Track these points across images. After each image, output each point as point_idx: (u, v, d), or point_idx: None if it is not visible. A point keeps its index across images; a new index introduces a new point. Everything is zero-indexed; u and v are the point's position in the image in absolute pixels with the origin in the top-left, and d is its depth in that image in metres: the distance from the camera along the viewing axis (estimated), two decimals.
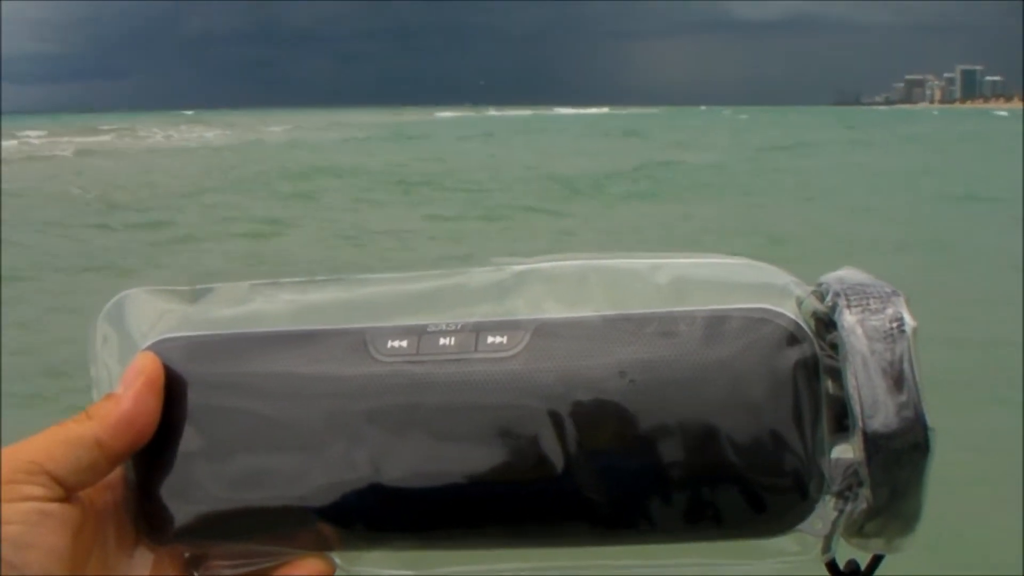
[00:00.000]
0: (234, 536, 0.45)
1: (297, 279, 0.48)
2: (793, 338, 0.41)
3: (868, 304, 0.40)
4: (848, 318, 0.40)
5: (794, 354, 0.41)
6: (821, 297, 0.42)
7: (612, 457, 0.41)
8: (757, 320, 0.41)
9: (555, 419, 0.41)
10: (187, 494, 0.44)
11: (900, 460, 0.39)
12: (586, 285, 0.45)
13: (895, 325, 0.40)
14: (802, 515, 0.41)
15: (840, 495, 0.41)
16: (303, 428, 0.44)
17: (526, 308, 0.45)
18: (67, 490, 0.42)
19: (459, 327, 0.44)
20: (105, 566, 0.45)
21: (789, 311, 0.42)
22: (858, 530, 0.41)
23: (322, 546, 0.44)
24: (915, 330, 0.40)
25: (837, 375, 0.40)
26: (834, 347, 0.41)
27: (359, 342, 0.45)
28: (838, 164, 18.65)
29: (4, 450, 0.42)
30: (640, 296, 0.44)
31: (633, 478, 0.41)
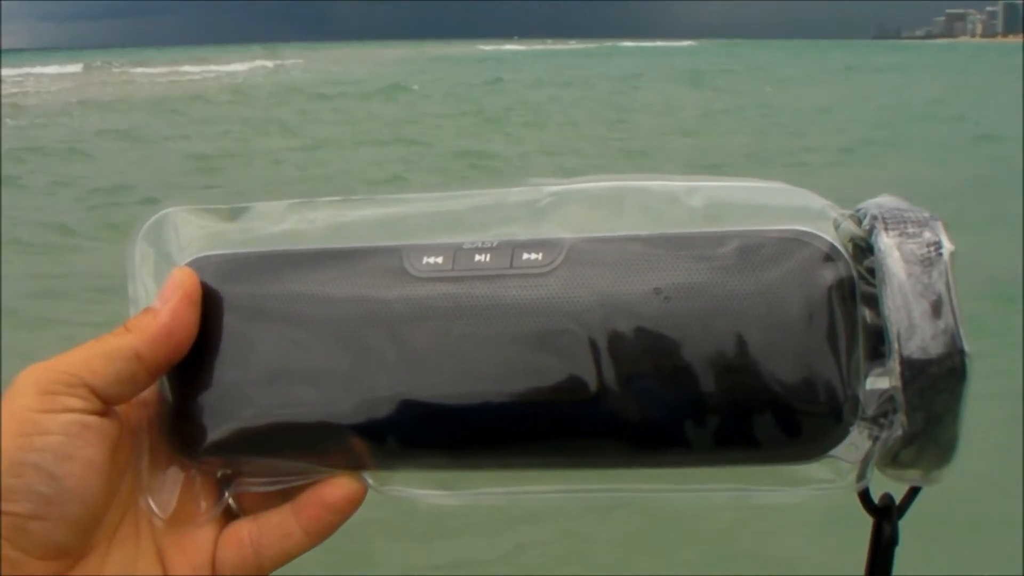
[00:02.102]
0: (268, 452, 0.45)
1: (333, 198, 0.48)
2: (829, 260, 0.41)
3: (906, 228, 0.40)
4: (885, 241, 0.40)
5: (830, 276, 0.40)
6: (858, 222, 0.41)
7: (646, 376, 0.41)
8: (793, 241, 0.41)
9: (590, 337, 0.41)
10: (221, 410, 0.45)
11: (936, 385, 0.39)
12: (621, 206, 0.44)
13: (932, 249, 0.39)
14: (836, 440, 0.41)
15: (875, 421, 0.40)
16: (338, 343, 0.44)
17: (561, 228, 0.45)
18: (106, 403, 0.43)
19: (495, 244, 0.44)
20: (139, 484, 0.45)
21: (826, 234, 0.41)
22: (893, 459, 0.41)
23: (354, 464, 0.45)
24: (953, 254, 0.39)
25: (874, 302, 0.40)
26: (871, 272, 0.40)
27: (395, 259, 0.45)
28: None
29: (43, 363, 0.43)
30: (675, 218, 0.43)
31: (667, 398, 0.41)
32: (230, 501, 0.47)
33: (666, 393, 0.41)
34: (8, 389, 0.42)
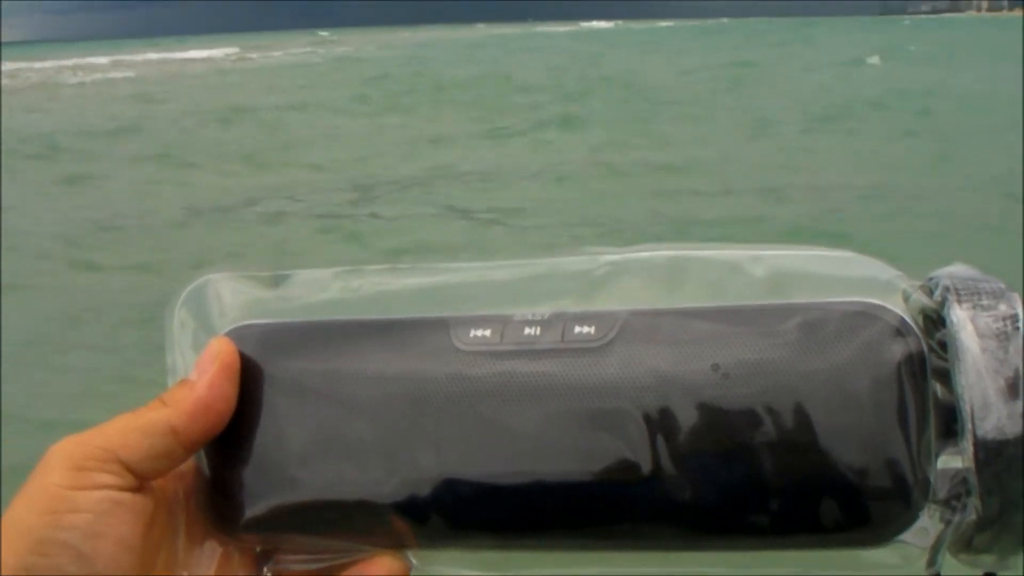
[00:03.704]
0: (307, 529, 0.43)
1: (380, 267, 0.47)
2: (899, 334, 0.39)
3: (980, 300, 0.38)
4: (958, 313, 0.38)
5: (900, 351, 0.38)
6: (929, 292, 0.39)
7: (703, 458, 0.39)
8: (860, 314, 0.39)
9: (644, 414, 0.39)
10: (260, 485, 0.43)
11: (1012, 468, 0.37)
12: (680, 276, 0.43)
13: (1008, 322, 0.37)
14: (905, 524, 0.39)
15: (947, 504, 0.39)
16: (381, 418, 0.42)
17: (616, 299, 0.43)
18: (140, 479, 0.42)
19: (545, 317, 0.42)
20: (175, 559, 0.44)
21: (895, 307, 0.40)
22: (967, 544, 0.39)
23: (398, 543, 0.43)
24: None
25: (946, 377, 0.38)
26: (943, 346, 0.38)
27: (441, 331, 0.43)
28: None
29: (75, 437, 0.41)
30: (737, 289, 0.42)
31: (725, 481, 0.39)
32: None
33: (724, 475, 0.39)
34: (38, 464, 0.41)
